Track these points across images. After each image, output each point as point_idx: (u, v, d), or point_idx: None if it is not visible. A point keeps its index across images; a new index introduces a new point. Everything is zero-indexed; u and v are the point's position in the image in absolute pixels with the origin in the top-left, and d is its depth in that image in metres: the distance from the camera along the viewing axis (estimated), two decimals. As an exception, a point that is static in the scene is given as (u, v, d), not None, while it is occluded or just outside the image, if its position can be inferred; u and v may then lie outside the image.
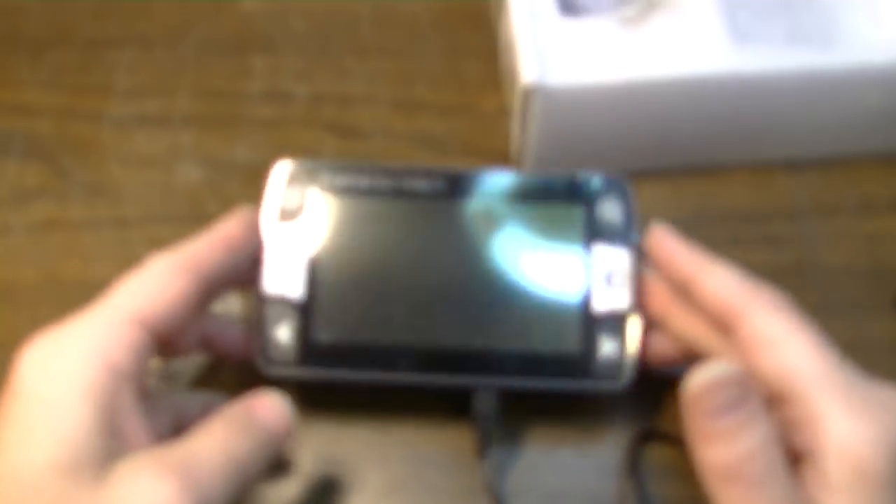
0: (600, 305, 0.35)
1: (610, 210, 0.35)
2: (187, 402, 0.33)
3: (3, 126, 0.47)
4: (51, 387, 0.26)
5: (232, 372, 0.38)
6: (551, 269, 0.35)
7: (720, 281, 0.31)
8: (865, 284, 0.41)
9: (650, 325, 0.35)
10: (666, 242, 0.33)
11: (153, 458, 0.26)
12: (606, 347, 0.34)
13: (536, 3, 0.41)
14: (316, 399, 0.38)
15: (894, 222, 0.43)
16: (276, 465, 0.32)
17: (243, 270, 0.34)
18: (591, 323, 0.34)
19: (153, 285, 0.30)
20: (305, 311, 0.35)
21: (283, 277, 0.35)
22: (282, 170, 0.36)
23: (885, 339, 0.39)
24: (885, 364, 0.28)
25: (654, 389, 0.37)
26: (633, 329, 0.35)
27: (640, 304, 0.35)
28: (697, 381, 0.28)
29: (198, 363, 0.39)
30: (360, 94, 0.47)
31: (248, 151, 0.45)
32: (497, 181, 0.36)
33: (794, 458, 0.28)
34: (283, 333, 0.34)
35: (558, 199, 0.36)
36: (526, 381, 0.35)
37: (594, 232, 0.35)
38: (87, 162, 0.45)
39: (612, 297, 0.35)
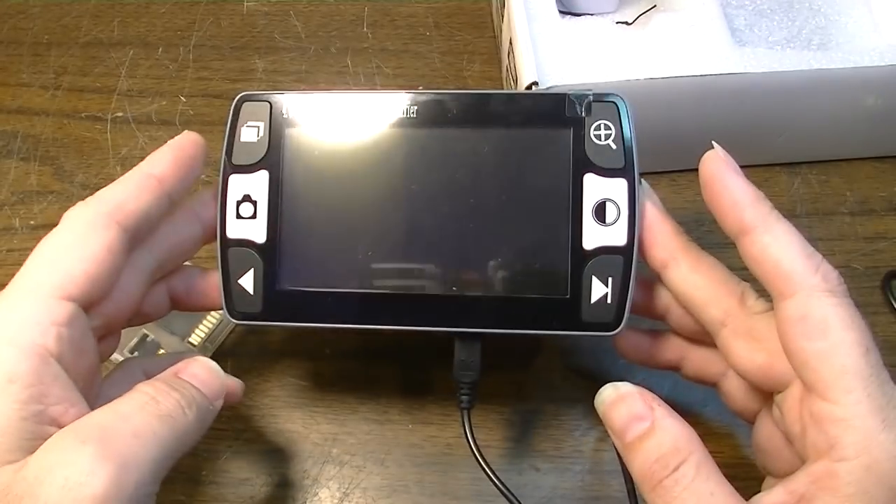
0: (591, 243, 0.31)
1: (604, 133, 0.31)
2: (161, 363, 0.32)
3: (4, 127, 0.47)
4: None
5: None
6: (536, 202, 0.31)
7: (782, 243, 0.28)
8: (864, 285, 0.41)
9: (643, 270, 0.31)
10: (727, 178, 0.29)
11: (70, 430, 0.25)
12: (598, 291, 0.30)
13: (537, 3, 0.41)
14: (316, 399, 0.38)
15: (892, 223, 0.43)
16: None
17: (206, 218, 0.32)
18: (580, 263, 0.31)
19: (74, 247, 0.28)
20: (270, 257, 0.32)
21: (244, 222, 0.32)
22: (242, 104, 0.33)
23: (883, 339, 0.39)
24: (885, 364, 0.27)
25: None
26: (630, 270, 0.30)
27: (640, 244, 0.31)
28: (602, 399, 0.28)
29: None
30: (360, 95, 0.47)
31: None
32: (474, 104, 0.32)
33: (803, 453, 0.27)
34: (248, 281, 0.32)
35: (543, 122, 0.31)
36: (510, 329, 0.31)
37: (585, 159, 0.31)
38: (88, 163, 0.45)
39: (605, 233, 0.31)
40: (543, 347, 0.39)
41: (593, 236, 0.31)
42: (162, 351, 0.39)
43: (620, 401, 0.28)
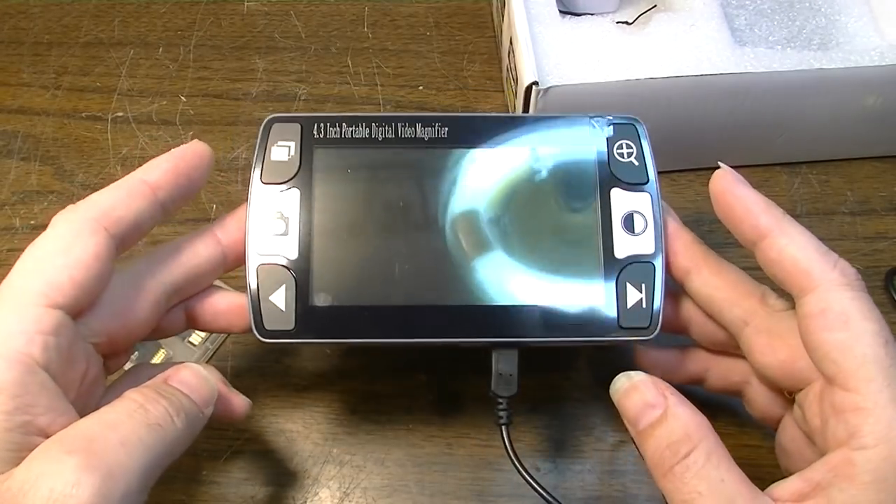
0: (622, 252, 0.32)
1: (625, 152, 0.33)
2: (163, 371, 0.31)
3: (5, 127, 0.47)
4: None
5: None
6: (566, 217, 0.33)
7: (799, 244, 0.28)
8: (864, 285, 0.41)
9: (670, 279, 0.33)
10: (737, 189, 0.30)
11: (56, 440, 0.25)
12: (633, 296, 0.32)
13: (537, 3, 0.41)
14: (316, 399, 0.38)
15: (892, 223, 0.43)
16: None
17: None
18: (614, 271, 0.32)
19: (60, 253, 0.27)
20: (303, 273, 0.32)
21: (275, 239, 0.32)
22: (272, 125, 0.33)
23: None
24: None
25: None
26: (660, 275, 0.32)
27: (664, 254, 0.32)
28: (617, 388, 0.29)
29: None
30: (360, 95, 0.47)
31: (248, 152, 0.46)
32: (501, 126, 0.33)
33: (823, 447, 0.27)
34: (279, 298, 0.31)
35: (568, 143, 0.33)
36: (549, 338, 0.32)
37: (610, 176, 0.33)
38: (89, 163, 0.45)
39: (634, 242, 0.32)
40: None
41: (624, 245, 0.32)
42: (162, 350, 0.39)
43: (634, 389, 0.28)
